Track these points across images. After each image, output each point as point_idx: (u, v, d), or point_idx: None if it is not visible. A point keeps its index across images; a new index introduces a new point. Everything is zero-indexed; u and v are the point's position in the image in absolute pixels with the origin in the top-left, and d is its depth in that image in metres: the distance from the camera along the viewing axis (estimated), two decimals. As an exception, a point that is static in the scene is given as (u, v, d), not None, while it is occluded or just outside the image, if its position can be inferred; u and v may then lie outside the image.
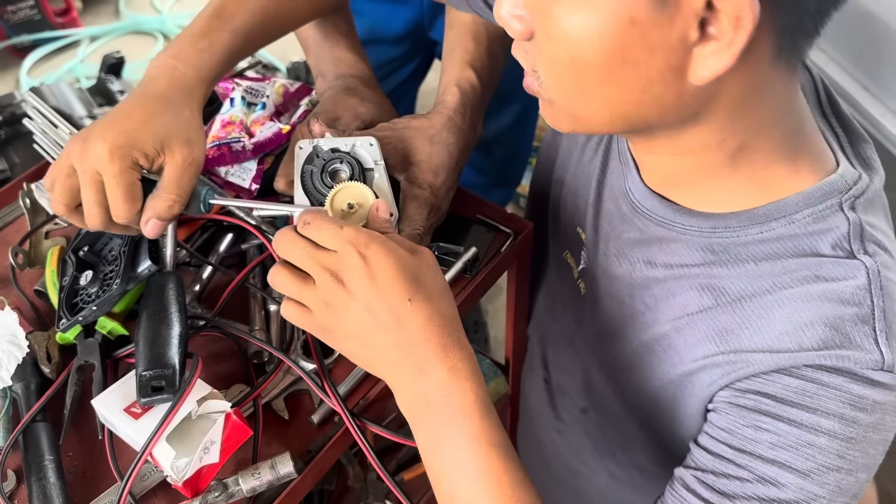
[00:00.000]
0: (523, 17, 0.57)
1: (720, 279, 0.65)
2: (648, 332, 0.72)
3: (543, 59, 0.57)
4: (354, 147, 0.79)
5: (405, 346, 0.61)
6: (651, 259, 0.71)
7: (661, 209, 0.69)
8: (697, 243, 0.67)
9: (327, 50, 0.95)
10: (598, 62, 0.53)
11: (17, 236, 0.94)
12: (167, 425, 0.67)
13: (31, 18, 2.93)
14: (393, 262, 0.61)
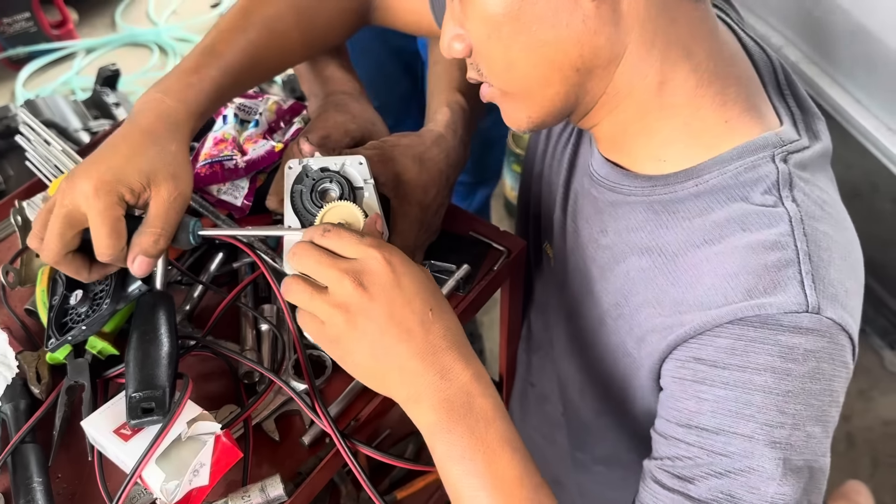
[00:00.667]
0: (460, 35, 0.66)
1: (658, 238, 0.68)
2: (602, 302, 0.75)
3: (477, 51, 0.65)
4: (344, 166, 0.78)
5: (428, 353, 0.62)
6: (604, 227, 0.75)
7: (612, 174, 0.72)
8: (641, 203, 0.70)
9: (317, 71, 0.96)
10: (504, 9, 0.60)
11: (8, 254, 0.94)
12: (157, 448, 0.67)
13: (26, 30, 2.93)
14: (415, 273, 0.63)
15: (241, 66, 0.79)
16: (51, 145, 1.02)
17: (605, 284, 0.75)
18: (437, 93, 0.92)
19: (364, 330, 0.62)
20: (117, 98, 2.26)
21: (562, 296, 0.85)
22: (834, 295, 0.60)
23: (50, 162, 1.00)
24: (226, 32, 0.80)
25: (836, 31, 1.24)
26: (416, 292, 0.62)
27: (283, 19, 0.82)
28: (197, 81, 0.76)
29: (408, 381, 0.63)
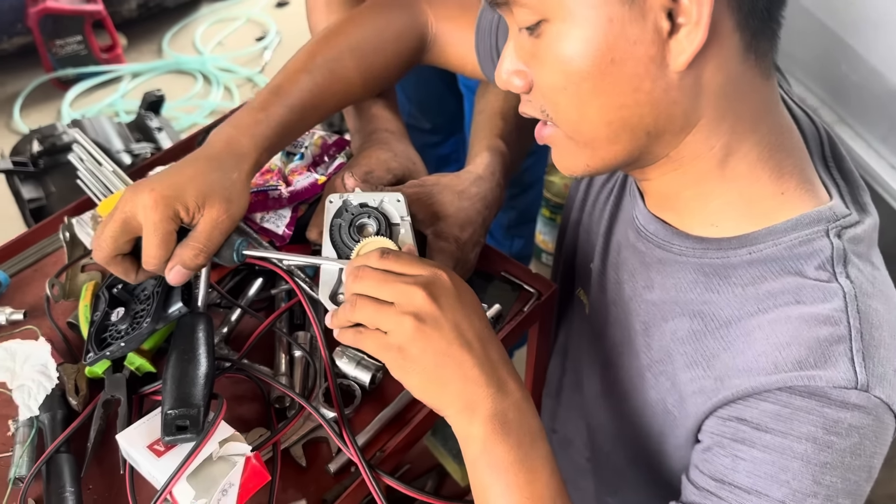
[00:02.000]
0: (521, 72, 0.65)
1: (710, 305, 0.68)
2: (642, 357, 0.75)
3: (544, 93, 0.64)
4: (382, 202, 0.81)
5: (487, 365, 0.64)
6: (650, 283, 0.75)
7: (662, 231, 0.72)
8: (692, 265, 0.70)
9: (363, 109, 0.99)
10: (590, 68, 0.59)
11: (55, 268, 0.97)
12: (189, 465, 0.68)
13: (77, 53, 3.03)
14: (472, 292, 0.68)
15: (304, 105, 0.84)
16: (102, 165, 1.05)
17: (648, 340, 0.75)
18: (480, 138, 0.95)
19: (431, 338, 0.64)
20: (160, 123, 2.32)
21: (598, 344, 0.85)
22: (883, 374, 0.61)
23: (100, 182, 1.03)
24: (292, 73, 0.85)
25: (872, 94, 1.26)
26: (475, 309, 0.66)
27: (344, 63, 0.87)
28: (264, 118, 0.81)
29: (469, 390, 0.64)
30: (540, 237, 2.36)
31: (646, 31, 0.57)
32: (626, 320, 0.79)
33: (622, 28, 0.57)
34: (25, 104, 3.00)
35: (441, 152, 1.79)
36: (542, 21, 0.60)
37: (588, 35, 0.58)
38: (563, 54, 0.60)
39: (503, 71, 0.66)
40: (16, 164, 2.04)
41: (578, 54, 0.59)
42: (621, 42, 0.58)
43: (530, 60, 0.64)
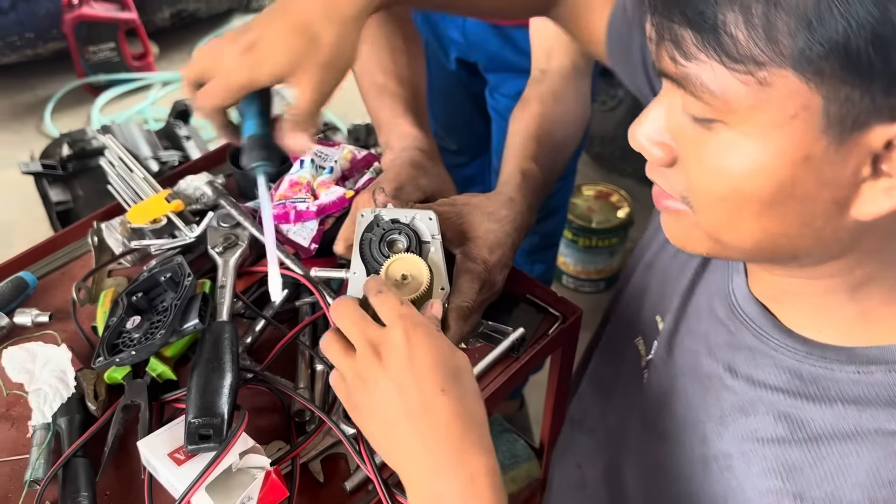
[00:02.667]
0: (665, 144, 0.56)
1: (801, 410, 0.61)
2: (710, 445, 0.67)
3: (695, 188, 0.55)
4: (414, 219, 0.81)
5: (429, 437, 0.59)
6: (734, 367, 0.66)
7: (761, 319, 0.64)
8: (787, 365, 0.62)
9: (397, 127, 1.00)
10: (763, 196, 0.51)
11: (82, 272, 0.98)
12: (209, 474, 0.68)
13: (109, 60, 3.07)
14: (434, 351, 0.61)
15: None
16: (133, 172, 1.06)
17: (721, 429, 0.66)
18: (513, 159, 0.95)
19: (376, 401, 0.61)
20: (189, 132, 2.33)
21: (655, 408, 0.76)
22: None
23: (130, 188, 1.04)
24: None
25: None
26: (428, 370, 0.60)
27: None
28: None
29: (407, 461, 0.61)
30: (561, 259, 2.35)
31: (843, 174, 0.48)
32: (700, 399, 0.70)
33: (817, 168, 0.48)
34: (56, 108, 3.04)
35: (466, 173, 1.79)
36: (717, 121, 0.51)
37: (774, 165, 0.49)
38: (734, 170, 0.51)
39: (641, 135, 0.57)
40: (45, 166, 2.06)
41: (754, 178, 0.50)
42: (810, 181, 0.49)
43: (687, 146, 0.54)
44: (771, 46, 0.45)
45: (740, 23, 0.45)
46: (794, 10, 0.44)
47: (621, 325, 0.88)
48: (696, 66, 0.49)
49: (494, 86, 1.49)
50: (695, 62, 0.49)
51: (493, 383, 0.85)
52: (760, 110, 0.48)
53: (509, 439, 1.10)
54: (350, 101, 0.94)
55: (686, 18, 0.48)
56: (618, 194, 2.31)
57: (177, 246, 0.95)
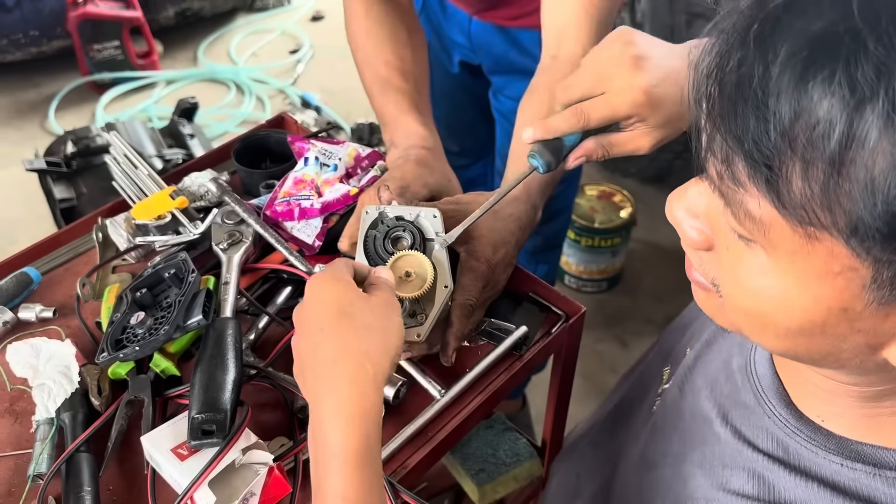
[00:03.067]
0: (702, 231, 0.52)
1: (777, 476, 0.59)
2: (688, 486, 0.66)
3: (724, 291, 0.52)
4: (419, 217, 0.81)
5: (313, 375, 0.63)
6: (728, 417, 0.66)
7: (767, 383, 0.63)
8: (776, 434, 0.61)
9: (402, 125, 1.00)
10: (790, 327, 0.48)
11: (86, 268, 0.98)
12: (212, 470, 0.68)
13: (114, 58, 3.08)
14: (323, 293, 0.66)
15: None
16: (138, 169, 1.06)
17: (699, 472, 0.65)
18: (518, 156, 0.95)
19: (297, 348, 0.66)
20: (192, 130, 2.34)
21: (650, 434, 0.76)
22: None
23: (135, 184, 1.04)
24: None
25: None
26: (312, 313, 0.65)
27: None
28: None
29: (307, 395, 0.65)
30: (564, 258, 2.35)
31: (882, 327, 0.45)
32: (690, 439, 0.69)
33: (853, 319, 0.45)
34: (61, 106, 3.04)
35: (468, 175, 1.78)
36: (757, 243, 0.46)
37: (807, 306, 0.46)
38: (765, 294, 0.48)
39: (680, 211, 0.53)
40: (49, 164, 2.07)
41: (784, 310, 0.48)
42: (843, 327, 0.46)
43: (722, 247, 0.50)
44: (826, 212, 0.41)
45: (797, 173, 0.40)
46: (858, 183, 0.39)
47: (660, 350, 0.87)
48: (745, 195, 0.44)
49: (499, 88, 1.49)
50: (742, 191, 0.44)
51: (496, 381, 0.85)
52: (803, 258, 0.44)
53: (511, 438, 1.10)
54: (353, 100, 0.94)
55: (740, 145, 0.42)
56: (621, 194, 2.31)
57: (181, 242, 0.95)
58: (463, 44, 1.44)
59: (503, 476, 1.06)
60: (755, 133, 0.41)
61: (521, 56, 1.37)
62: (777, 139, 0.40)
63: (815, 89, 0.39)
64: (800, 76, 0.39)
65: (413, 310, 0.79)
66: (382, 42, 1.05)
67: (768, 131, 0.40)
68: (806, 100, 0.39)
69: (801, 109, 0.39)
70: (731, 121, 0.42)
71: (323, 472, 0.60)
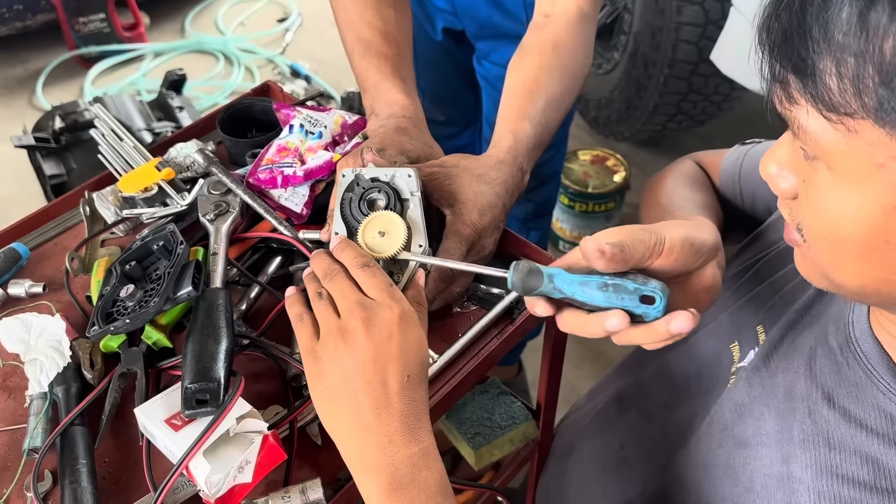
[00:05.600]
0: (789, 177, 0.58)
1: (892, 459, 0.59)
2: (787, 466, 0.65)
3: (805, 222, 0.57)
4: (394, 177, 0.80)
5: (383, 412, 0.64)
6: (833, 397, 0.64)
7: (876, 357, 0.62)
8: (890, 410, 0.60)
9: (384, 92, 0.98)
10: (858, 239, 0.52)
11: (75, 242, 0.97)
12: (206, 439, 0.68)
13: (100, 31, 3.04)
14: (417, 341, 0.67)
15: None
16: (123, 141, 1.05)
17: (801, 452, 0.64)
18: (505, 119, 0.93)
19: (345, 360, 0.65)
20: (181, 102, 2.32)
21: (731, 411, 0.74)
22: None
23: (121, 157, 1.03)
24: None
25: None
26: (405, 354, 0.65)
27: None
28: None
29: (359, 430, 0.64)
30: (557, 224, 2.35)
31: None
32: (789, 419, 0.68)
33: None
34: (48, 81, 3.01)
35: (456, 144, 1.76)
36: (819, 159, 0.53)
37: (865, 211, 0.50)
38: (832, 211, 0.53)
39: (771, 165, 0.59)
40: (38, 139, 2.05)
41: (848, 223, 0.52)
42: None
43: (801, 181, 0.56)
44: (857, 98, 0.47)
45: (833, 72, 0.48)
46: (879, 65, 0.46)
47: (719, 324, 0.84)
48: (797, 110, 0.51)
49: (484, 53, 1.47)
50: (796, 106, 0.51)
51: (489, 346, 0.85)
52: (852, 157, 0.49)
53: (507, 401, 1.11)
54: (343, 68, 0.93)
55: (791, 63, 0.50)
56: (614, 158, 2.30)
57: (168, 214, 0.94)
58: (446, 9, 1.42)
59: (499, 439, 1.06)
60: (799, 48, 0.49)
61: (506, 19, 1.35)
62: (814, 47, 0.48)
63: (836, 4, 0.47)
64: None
65: (390, 270, 0.79)
66: (365, 2, 1.03)
67: (808, 44, 0.49)
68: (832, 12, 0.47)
69: (828, 19, 0.47)
70: (784, 45, 0.51)
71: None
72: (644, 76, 2.34)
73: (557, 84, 0.97)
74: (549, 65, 0.96)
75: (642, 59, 2.35)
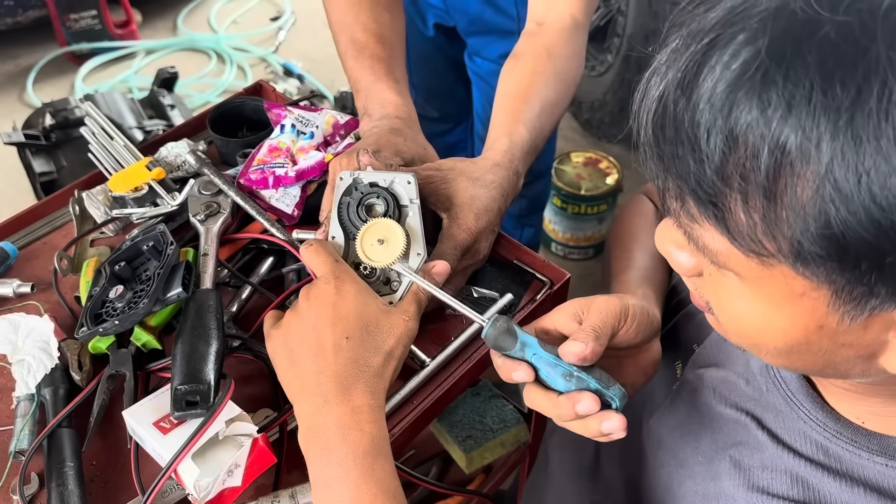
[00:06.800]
0: (690, 259, 0.54)
1: (821, 482, 0.59)
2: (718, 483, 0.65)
3: (715, 310, 0.54)
4: (393, 183, 0.80)
5: (323, 374, 0.66)
6: (762, 421, 0.64)
7: (795, 385, 0.62)
8: (815, 437, 0.60)
9: (377, 92, 0.97)
10: (778, 347, 0.50)
11: (64, 241, 0.96)
12: (195, 442, 0.68)
13: (92, 28, 3.02)
14: (355, 304, 0.69)
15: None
16: (114, 140, 1.04)
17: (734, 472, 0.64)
18: (500, 122, 0.93)
19: (291, 333, 0.70)
20: (173, 100, 2.31)
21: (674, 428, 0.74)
22: None
23: (112, 156, 1.02)
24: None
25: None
26: (343, 319, 0.68)
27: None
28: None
29: (300, 395, 0.67)
30: (550, 226, 2.34)
31: (864, 339, 0.46)
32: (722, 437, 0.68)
33: (833, 335, 0.47)
34: (38, 78, 2.99)
35: (449, 141, 1.77)
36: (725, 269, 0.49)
37: (785, 327, 0.48)
38: (747, 319, 0.50)
39: (667, 244, 0.55)
40: (27, 136, 2.03)
41: (766, 333, 0.50)
42: (826, 343, 0.48)
43: (707, 273, 0.53)
44: (770, 240, 0.43)
45: (739, 207, 0.43)
46: (791, 210, 0.41)
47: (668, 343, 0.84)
48: (699, 230, 0.47)
49: (475, 49, 1.47)
50: (697, 226, 0.47)
51: (482, 348, 0.85)
52: (768, 282, 0.46)
53: (498, 404, 1.10)
54: (336, 68, 0.92)
55: (687, 185, 0.45)
56: (607, 161, 2.29)
57: (159, 214, 0.94)
58: (437, 5, 1.42)
59: (490, 442, 1.06)
60: (696, 174, 0.44)
61: (497, 15, 1.35)
62: (714, 177, 0.43)
63: (739, 121, 0.41)
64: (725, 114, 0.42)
65: (387, 277, 0.79)
66: (360, 4, 1.02)
67: (706, 171, 0.43)
68: (732, 135, 0.42)
69: (729, 145, 0.42)
70: (674, 163, 0.45)
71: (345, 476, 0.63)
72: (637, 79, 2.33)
73: (552, 90, 0.97)
74: (543, 71, 0.97)
75: (635, 62, 2.35)
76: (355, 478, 0.63)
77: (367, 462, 0.64)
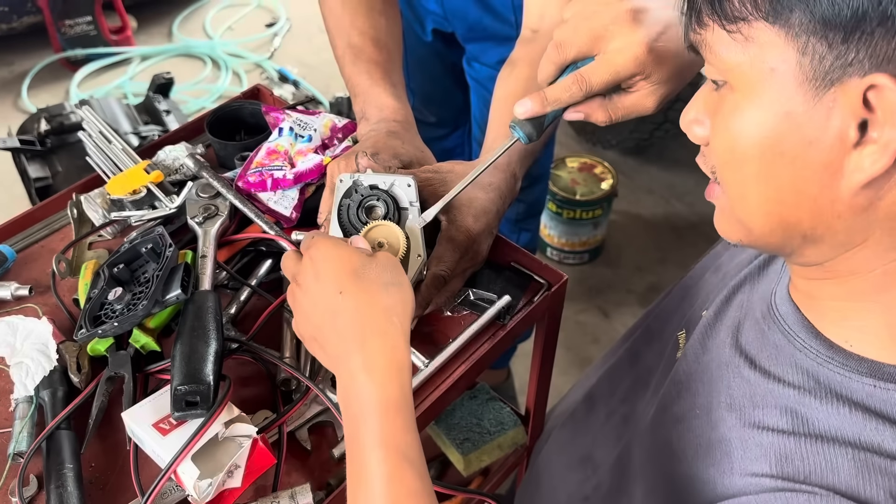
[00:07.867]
0: (703, 123, 0.61)
1: (809, 409, 0.62)
2: (717, 430, 0.67)
3: (714, 157, 0.61)
4: (393, 185, 0.80)
5: (337, 337, 0.66)
6: (755, 360, 0.68)
7: (792, 318, 0.66)
8: (806, 366, 0.63)
9: (374, 96, 0.98)
10: (755, 154, 0.55)
11: (62, 244, 0.96)
12: (195, 443, 0.68)
13: (87, 34, 3.02)
14: (332, 258, 0.68)
15: None
16: (112, 144, 1.05)
17: (728, 415, 0.67)
18: (498, 126, 0.94)
19: (303, 318, 0.69)
20: (168, 106, 2.31)
21: (673, 390, 0.77)
22: None
23: (109, 159, 1.02)
24: None
25: None
26: (328, 278, 0.67)
27: None
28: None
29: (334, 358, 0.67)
30: (545, 231, 2.35)
31: (826, 134, 0.51)
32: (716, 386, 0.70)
33: (799, 125, 0.52)
34: (33, 84, 2.99)
35: (446, 145, 1.77)
36: (725, 83, 0.57)
37: (760, 119, 0.54)
38: (734, 128, 0.56)
39: (690, 111, 0.63)
40: (23, 142, 2.03)
41: (747, 135, 0.55)
42: (794, 138, 0.53)
43: (710, 116, 0.60)
44: (752, 2, 0.51)
45: None
46: None
47: (666, 318, 0.88)
48: (706, 32, 0.56)
49: (473, 55, 1.48)
50: (705, 29, 0.56)
51: (479, 350, 0.85)
52: (749, 66, 0.53)
53: (495, 407, 1.11)
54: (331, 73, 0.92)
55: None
56: (602, 166, 2.30)
57: (157, 217, 0.94)
58: (436, 11, 1.42)
59: (487, 444, 1.06)
60: None
61: (496, 21, 1.35)
62: None
63: None
64: None
65: None
66: (355, 8, 1.03)
67: None
68: None
69: None
70: None
71: (359, 426, 0.62)
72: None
73: None
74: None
75: (630, 68, 2.36)
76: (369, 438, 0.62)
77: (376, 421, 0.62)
